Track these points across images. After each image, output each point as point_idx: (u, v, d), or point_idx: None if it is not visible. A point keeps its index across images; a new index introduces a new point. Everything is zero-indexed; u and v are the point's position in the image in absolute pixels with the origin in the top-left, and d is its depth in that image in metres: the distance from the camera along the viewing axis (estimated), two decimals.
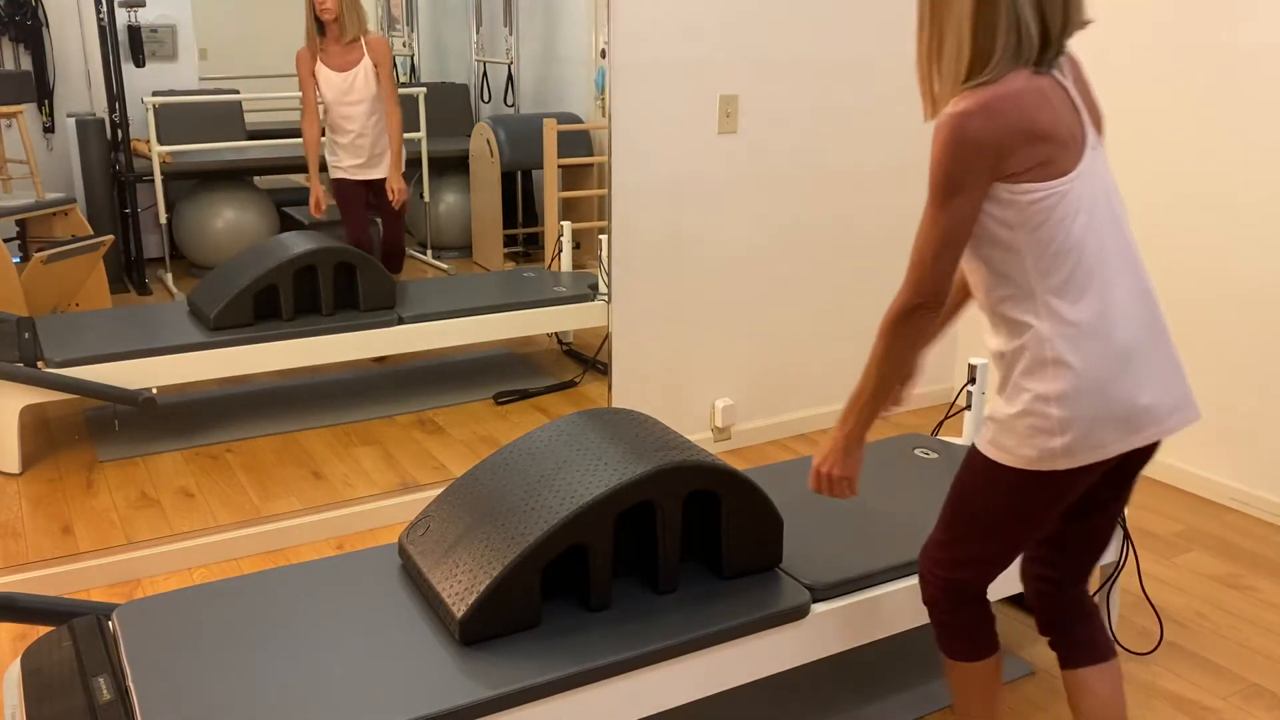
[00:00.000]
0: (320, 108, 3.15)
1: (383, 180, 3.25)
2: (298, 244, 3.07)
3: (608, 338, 3.36)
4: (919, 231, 1.54)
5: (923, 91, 1.57)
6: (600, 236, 3.39)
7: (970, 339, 4.01)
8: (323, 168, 3.19)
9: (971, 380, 2.67)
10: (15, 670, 1.85)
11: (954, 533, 1.74)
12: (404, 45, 3.32)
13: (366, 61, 3.12)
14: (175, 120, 2.95)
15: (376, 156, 3.23)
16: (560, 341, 3.79)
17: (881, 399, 1.67)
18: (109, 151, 2.89)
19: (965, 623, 1.79)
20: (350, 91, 3.12)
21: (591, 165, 3.58)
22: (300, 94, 3.10)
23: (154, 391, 2.92)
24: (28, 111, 2.76)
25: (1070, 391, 1.54)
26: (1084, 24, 1.52)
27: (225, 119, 3.05)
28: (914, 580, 2.12)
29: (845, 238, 3.69)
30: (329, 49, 3.07)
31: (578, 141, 3.54)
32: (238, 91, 3.04)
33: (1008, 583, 2.28)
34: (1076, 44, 1.57)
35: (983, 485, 1.67)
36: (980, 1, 1.45)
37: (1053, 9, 1.47)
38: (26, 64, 2.75)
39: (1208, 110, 3.13)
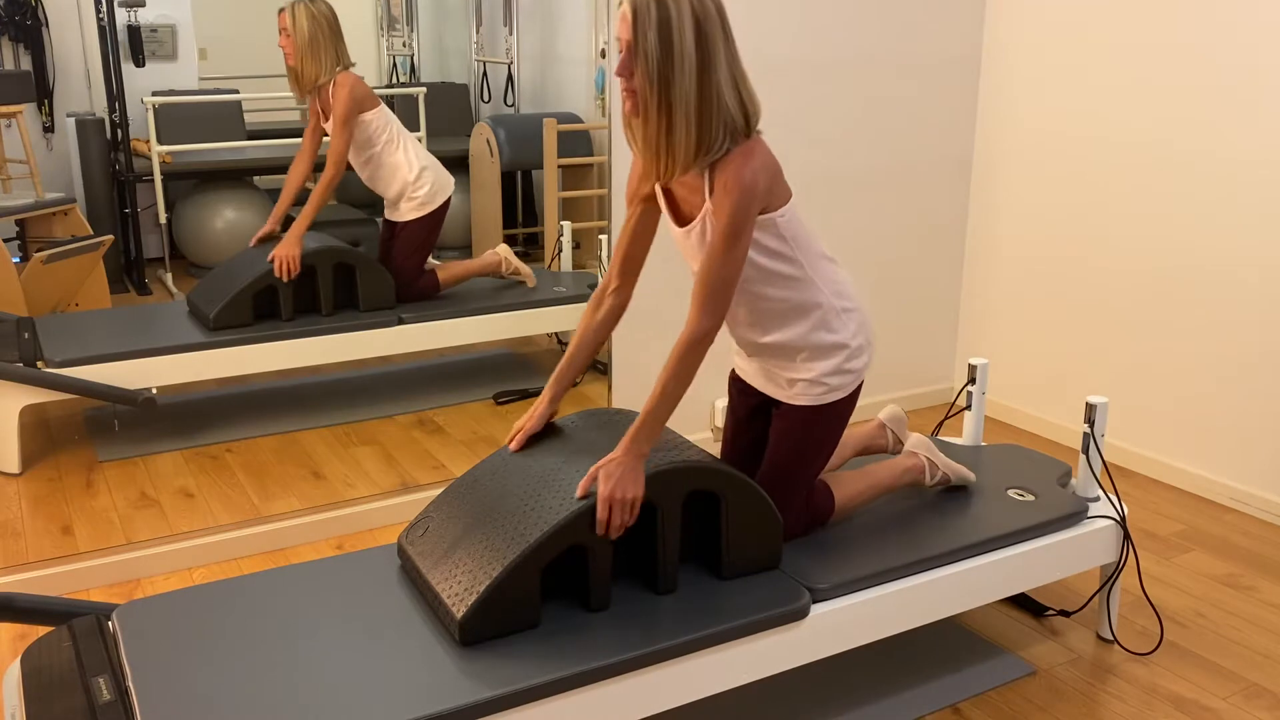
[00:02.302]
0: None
1: (400, 223, 3.20)
2: None
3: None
4: (714, 266, 1.85)
5: (650, 162, 1.86)
6: (600, 236, 3.39)
7: (970, 340, 4.01)
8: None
9: (972, 380, 2.67)
10: (15, 670, 1.85)
11: (803, 486, 2.12)
12: (404, 45, 3.32)
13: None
14: (175, 120, 2.94)
15: (389, 202, 3.20)
16: (560, 341, 3.79)
17: (668, 418, 1.91)
18: (109, 151, 2.88)
19: (816, 507, 2.19)
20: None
21: (591, 165, 3.58)
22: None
23: (154, 391, 2.92)
24: (28, 111, 2.76)
25: (860, 321, 2.09)
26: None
27: (225, 119, 3.04)
28: (914, 580, 2.12)
29: (845, 237, 3.69)
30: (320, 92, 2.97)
31: (578, 141, 3.54)
32: (238, 91, 3.04)
33: (1008, 582, 2.28)
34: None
35: (824, 431, 2.10)
36: (701, 101, 1.80)
37: (750, 101, 1.87)
38: (26, 64, 2.74)
39: (1213, 111, 3.13)
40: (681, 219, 1.99)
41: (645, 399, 3.46)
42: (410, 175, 3.13)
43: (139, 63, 2.86)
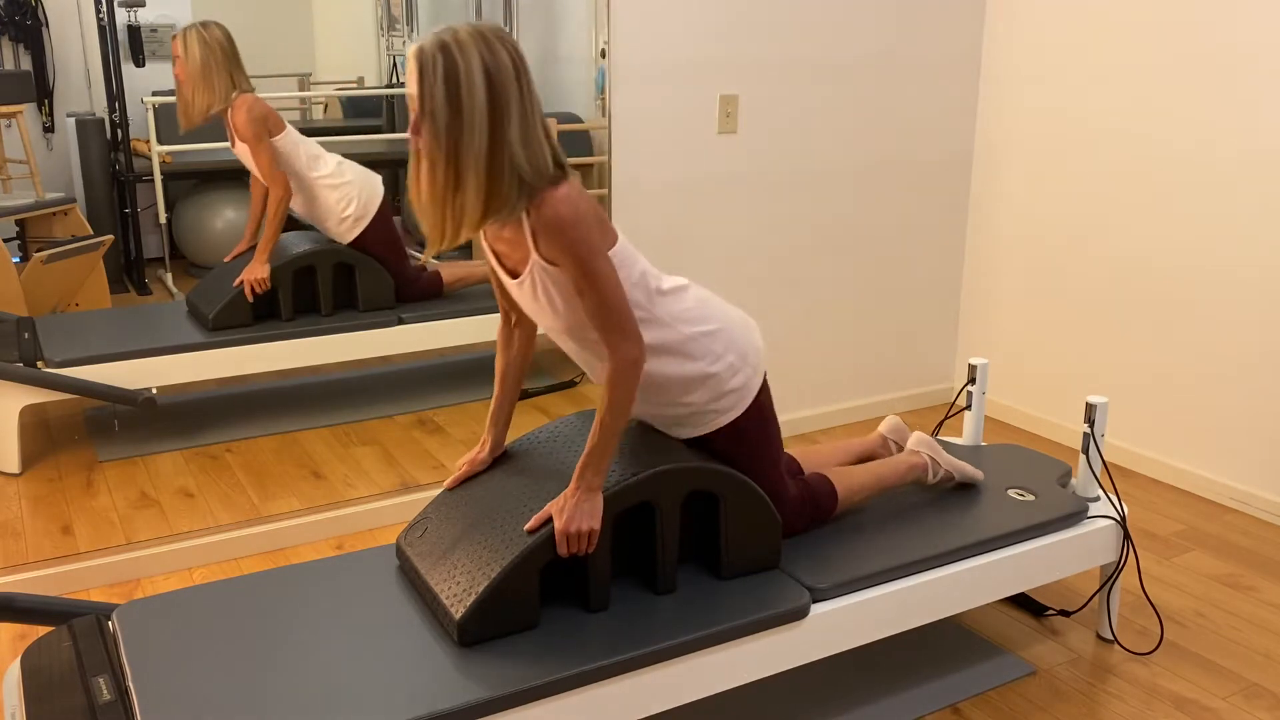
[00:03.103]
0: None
1: (352, 240, 3.11)
2: (296, 244, 3.07)
3: None
4: (596, 301, 1.78)
5: (435, 224, 1.74)
6: None
7: (970, 339, 4.01)
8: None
9: (972, 380, 2.67)
10: (15, 670, 1.85)
11: (774, 483, 2.09)
12: (404, 45, 3.32)
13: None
14: (175, 120, 2.94)
15: (327, 226, 3.10)
16: None
17: (613, 451, 1.84)
18: (109, 151, 2.88)
19: (820, 501, 2.18)
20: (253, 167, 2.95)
21: (591, 165, 3.58)
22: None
23: (154, 391, 2.91)
24: (28, 111, 2.76)
25: (727, 340, 1.99)
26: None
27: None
28: (914, 580, 2.12)
29: (845, 237, 3.69)
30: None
31: (578, 141, 3.54)
32: None
33: (1008, 582, 2.28)
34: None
35: (751, 438, 2.04)
36: (492, 160, 1.69)
37: (539, 152, 1.74)
38: (26, 64, 2.74)
39: (1212, 111, 3.13)
40: (510, 270, 1.89)
41: None
42: (331, 200, 3.04)
43: (139, 63, 2.86)
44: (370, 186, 3.12)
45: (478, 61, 1.67)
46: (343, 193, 3.06)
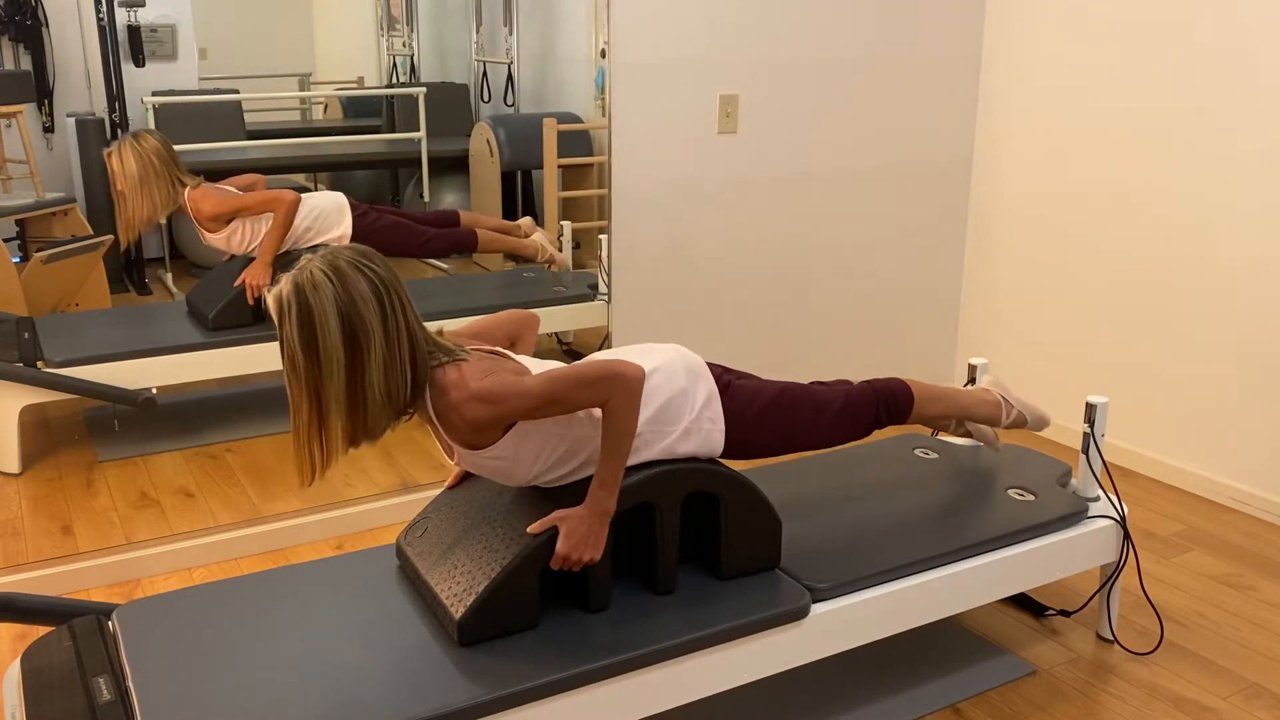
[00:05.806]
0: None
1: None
2: None
3: (607, 338, 3.36)
4: (556, 396, 1.75)
5: (304, 459, 1.73)
6: (600, 236, 3.39)
7: (970, 341, 4.01)
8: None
9: (972, 381, 2.67)
10: (15, 670, 1.85)
11: (807, 404, 2.12)
12: (404, 45, 3.32)
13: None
14: (175, 120, 2.94)
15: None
16: (560, 341, 3.79)
17: (625, 465, 1.83)
18: None
19: (896, 397, 2.20)
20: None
21: (591, 165, 3.58)
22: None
23: (154, 391, 2.91)
24: (28, 111, 2.76)
25: (675, 408, 1.94)
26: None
27: (225, 119, 3.04)
28: (914, 580, 2.12)
29: (845, 237, 3.69)
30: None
31: (578, 141, 3.54)
32: (238, 91, 3.04)
33: (1008, 582, 2.28)
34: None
35: (757, 414, 2.04)
36: (351, 396, 1.69)
37: (399, 380, 1.72)
38: (26, 64, 2.74)
39: (1212, 111, 3.13)
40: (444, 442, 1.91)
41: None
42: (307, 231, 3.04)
43: (139, 63, 2.86)
44: (331, 205, 3.10)
45: (331, 302, 1.67)
46: (311, 223, 3.05)
